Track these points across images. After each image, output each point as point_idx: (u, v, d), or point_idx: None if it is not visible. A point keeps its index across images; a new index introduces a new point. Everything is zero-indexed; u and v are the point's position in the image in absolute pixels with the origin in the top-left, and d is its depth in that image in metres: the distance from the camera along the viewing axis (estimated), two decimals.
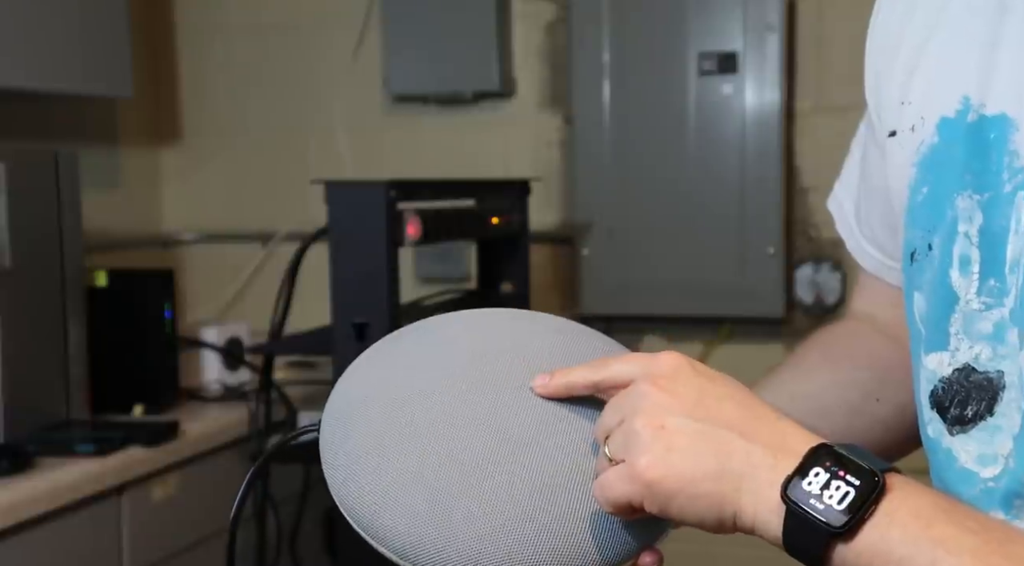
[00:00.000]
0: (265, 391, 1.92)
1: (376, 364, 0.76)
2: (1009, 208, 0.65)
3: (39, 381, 1.74)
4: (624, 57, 2.36)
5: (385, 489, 0.70)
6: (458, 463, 0.65)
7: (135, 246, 2.68)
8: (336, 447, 0.75)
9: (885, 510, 0.58)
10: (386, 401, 0.71)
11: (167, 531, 1.79)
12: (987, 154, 0.66)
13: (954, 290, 0.68)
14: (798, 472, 0.60)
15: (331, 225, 1.69)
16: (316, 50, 2.69)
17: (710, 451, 0.62)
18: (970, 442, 0.68)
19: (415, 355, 0.74)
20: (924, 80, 0.71)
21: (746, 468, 0.62)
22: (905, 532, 0.57)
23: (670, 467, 0.62)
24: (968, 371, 0.67)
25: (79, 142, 2.51)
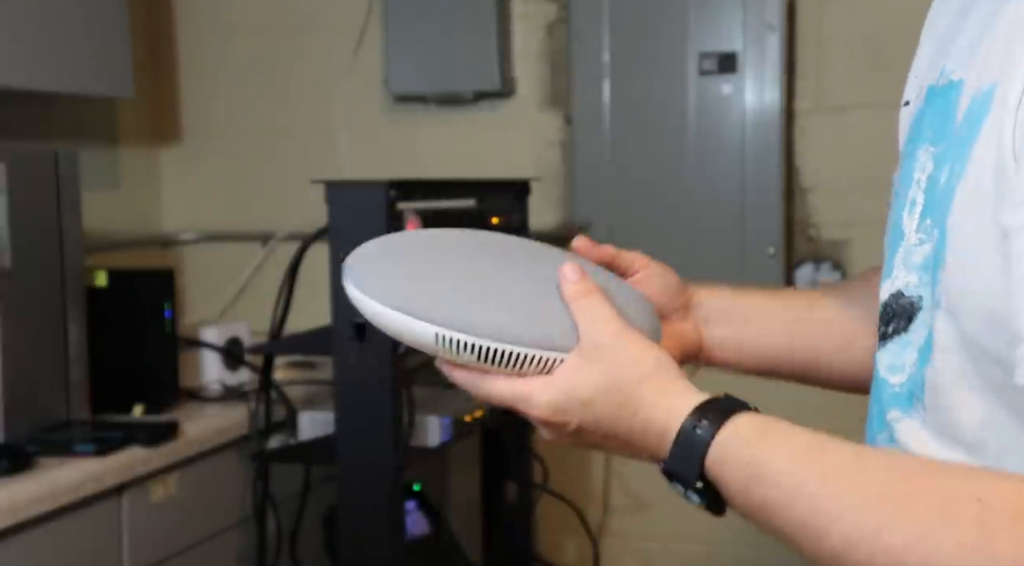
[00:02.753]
0: (265, 391, 1.92)
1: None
2: (945, 159, 0.75)
3: (39, 381, 1.74)
4: (624, 57, 2.36)
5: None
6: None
7: (135, 246, 2.68)
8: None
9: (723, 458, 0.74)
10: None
11: (167, 531, 1.79)
12: (945, 111, 0.77)
13: (902, 228, 0.80)
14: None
15: (331, 225, 1.69)
16: (316, 50, 2.69)
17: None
18: (886, 354, 0.80)
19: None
20: (925, 56, 0.86)
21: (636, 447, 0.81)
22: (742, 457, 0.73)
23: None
24: (899, 295, 0.79)
25: (79, 142, 2.51)
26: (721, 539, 2.53)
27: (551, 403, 0.81)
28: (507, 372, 0.82)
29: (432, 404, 1.92)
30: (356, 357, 1.68)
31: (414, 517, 2.10)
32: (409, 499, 2.05)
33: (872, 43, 2.28)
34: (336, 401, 1.72)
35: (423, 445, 1.82)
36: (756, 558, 2.52)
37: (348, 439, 1.71)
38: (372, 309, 0.84)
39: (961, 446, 0.73)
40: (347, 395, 1.70)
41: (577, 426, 0.82)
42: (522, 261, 0.89)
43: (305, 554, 1.99)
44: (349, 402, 1.70)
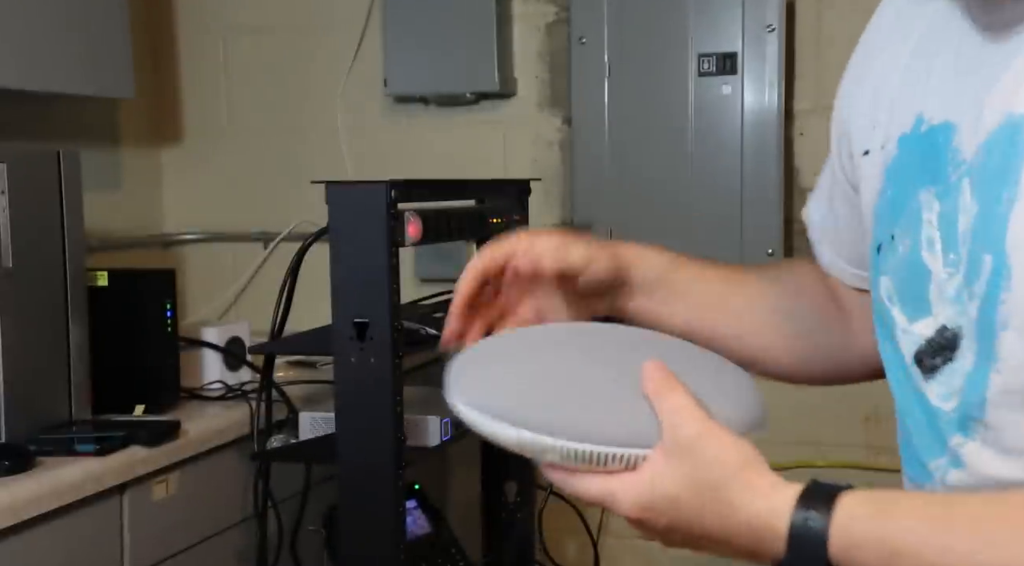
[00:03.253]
0: (266, 391, 1.92)
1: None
2: (957, 193, 0.81)
3: (40, 381, 1.74)
4: (624, 57, 2.37)
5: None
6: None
7: (136, 246, 2.68)
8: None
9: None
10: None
11: (168, 530, 1.80)
12: (937, 155, 0.83)
13: (927, 266, 0.84)
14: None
15: (331, 225, 1.69)
16: (316, 50, 2.69)
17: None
18: (937, 386, 0.84)
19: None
20: (887, 107, 0.91)
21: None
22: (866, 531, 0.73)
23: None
24: (943, 329, 0.83)
25: (80, 142, 2.51)
26: None
27: (637, 500, 0.81)
28: (593, 469, 0.81)
29: (432, 404, 1.92)
30: (356, 357, 1.68)
31: (414, 517, 2.10)
32: (409, 499, 2.05)
33: None
34: (336, 401, 1.72)
35: (423, 445, 1.82)
36: None
37: (348, 439, 1.71)
38: (465, 415, 0.86)
39: None
40: (347, 395, 1.71)
41: (667, 525, 0.81)
42: (613, 353, 0.91)
43: (305, 554, 1.99)
44: (349, 402, 1.71)
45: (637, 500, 0.81)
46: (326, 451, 1.78)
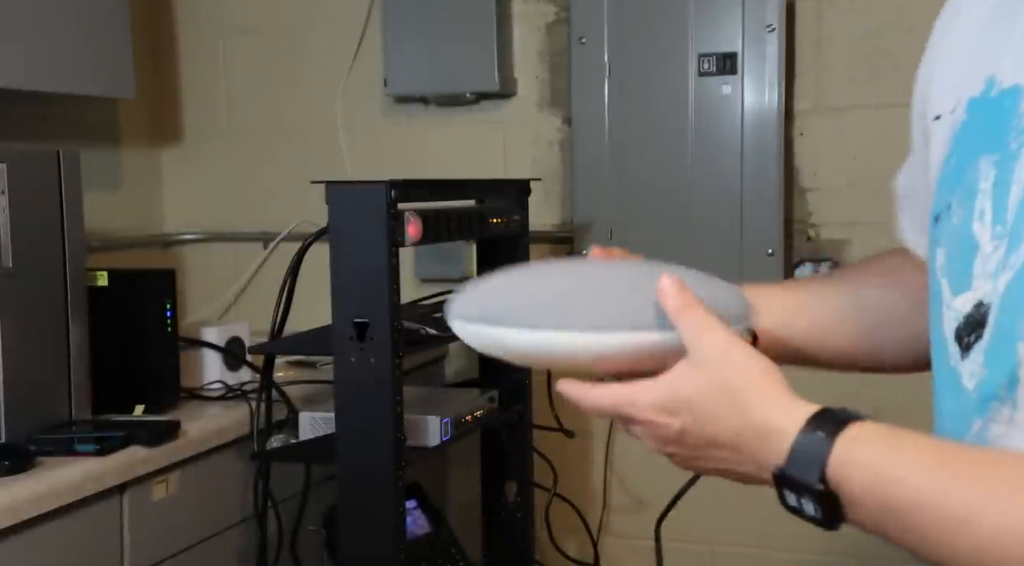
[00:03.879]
0: (266, 391, 1.92)
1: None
2: (1014, 162, 0.76)
3: (40, 381, 1.74)
4: (624, 57, 2.37)
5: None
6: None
7: (136, 246, 2.68)
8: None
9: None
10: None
11: (168, 530, 1.80)
12: (1001, 120, 0.78)
13: (976, 239, 0.80)
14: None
15: (331, 225, 1.69)
16: (316, 50, 2.69)
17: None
18: (969, 364, 0.80)
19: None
20: (959, 70, 0.86)
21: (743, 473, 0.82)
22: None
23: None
24: (979, 305, 0.79)
25: (80, 142, 2.51)
26: (721, 539, 2.53)
27: (656, 401, 0.82)
28: (607, 364, 0.84)
29: (432, 404, 1.93)
30: (356, 357, 1.68)
31: (414, 517, 2.10)
32: (409, 499, 2.05)
33: (871, 44, 2.29)
34: (336, 401, 1.72)
35: (423, 445, 1.83)
36: (756, 558, 2.52)
37: (348, 439, 1.71)
38: (465, 330, 0.88)
39: None
40: (347, 395, 1.71)
41: (680, 428, 0.81)
42: (602, 269, 0.93)
43: (305, 554, 1.99)
44: (349, 402, 1.71)
45: (655, 401, 0.81)
46: (326, 451, 1.78)
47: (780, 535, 2.45)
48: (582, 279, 0.89)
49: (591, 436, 2.56)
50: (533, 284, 0.89)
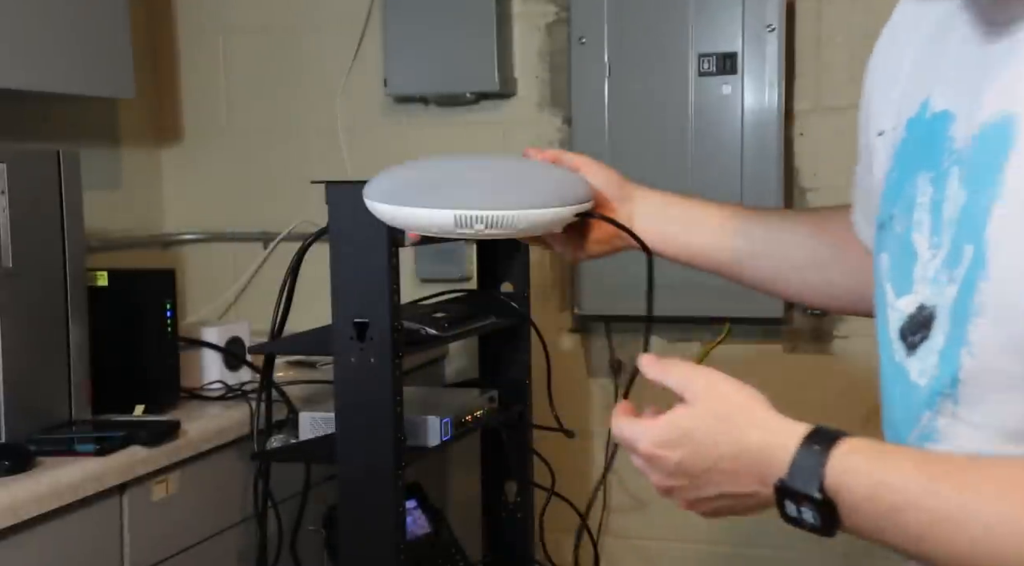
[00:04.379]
0: (266, 391, 1.92)
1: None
2: (946, 180, 0.85)
3: (40, 381, 1.74)
4: (624, 57, 2.37)
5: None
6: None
7: (136, 246, 2.68)
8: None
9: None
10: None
11: (168, 530, 1.80)
12: (935, 141, 0.87)
13: (915, 247, 0.89)
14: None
15: (331, 225, 1.69)
16: (316, 50, 2.69)
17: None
18: (916, 361, 0.89)
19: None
20: (901, 90, 0.95)
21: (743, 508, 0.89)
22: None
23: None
24: (922, 308, 0.88)
25: (80, 142, 2.51)
26: (721, 539, 2.53)
27: (657, 437, 0.90)
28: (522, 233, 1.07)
29: (432, 404, 1.93)
30: (356, 357, 1.68)
31: (414, 517, 2.10)
32: (409, 499, 2.05)
33: (871, 43, 2.28)
34: (336, 401, 1.72)
35: (423, 445, 1.83)
36: (756, 558, 2.52)
37: (348, 439, 1.71)
38: (394, 213, 1.09)
39: (1006, 437, 0.81)
40: (347, 395, 1.71)
41: (680, 458, 0.88)
42: (487, 158, 1.21)
43: (305, 554, 1.99)
44: (349, 402, 1.71)
45: (656, 437, 0.90)
46: (326, 451, 1.78)
47: (780, 535, 2.45)
48: (463, 167, 1.15)
49: (591, 436, 2.56)
50: (422, 171, 1.15)
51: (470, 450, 2.26)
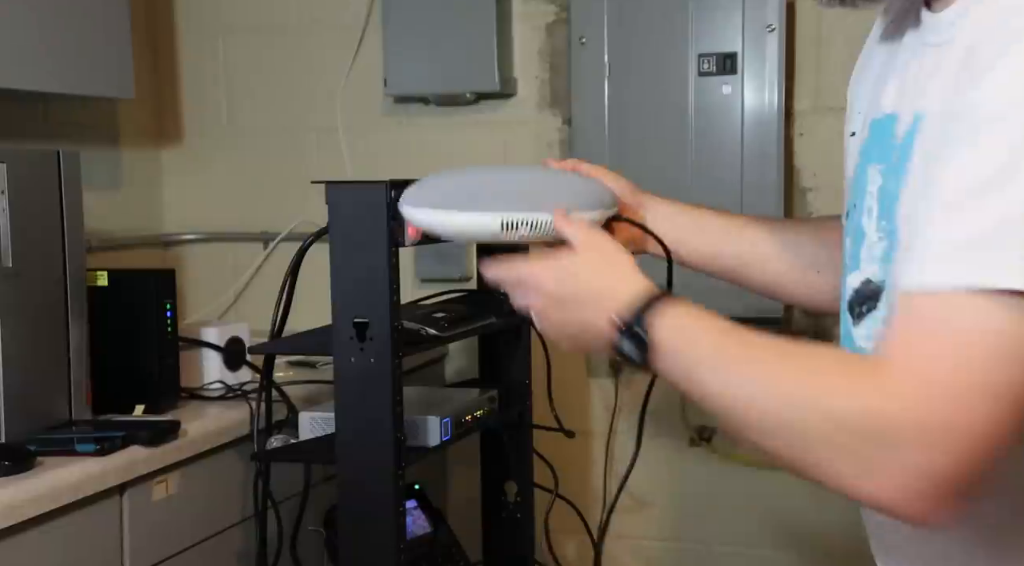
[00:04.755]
0: (266, 391, 1.92)
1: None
2: (893, 174, 0.97)
3: (40, 381, 1.74)
4: (624, 57, 2.37)
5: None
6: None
7: (136, 246, 2.68)
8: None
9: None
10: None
11: (168, 530, 1.80)
12: (884, 138, 0.99)
13: (864, 230, 1.02)
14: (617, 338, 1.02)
15: (331, 225, 1.69)
16: (316, 50, 2.69)
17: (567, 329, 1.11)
18: (862, 329, 1.03)
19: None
20: (868, 98, 1.09)
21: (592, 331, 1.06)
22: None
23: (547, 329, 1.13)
24: (868, 282, 1.02)
25: (80, 142, 2.51)
26: (721, 539, 2.53)
27: (544, 265, 1.11)
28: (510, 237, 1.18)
29: (432, 404, 1.93)
30: (356, 357, 1.68)
31: (414, 517, 2.10)
32: (409, 499, 2.05)
33: None
34: (336, 401, 1.72)
35: (423, 445, 1.83)
36: (756, 558, 2.52)
37: (348, 439, 1.71)
38: (439, 218, 1.20)
39: None
40: (347, 395, 1.71)
41: (556, 284, 1.09)
42: (517, 169, 1.36)
43: (305, 554, 1.99)
44: (349, 402, 1.71)
45: (544, 264, 1.11)
46: (326, 451, 1.78)
47: (779, 535, 2.45)
48: (501, 176, 1.31)
49: (591, 436, 2.56)
50: (462, 179, 1.26)
51: (470, 450, 2.26)
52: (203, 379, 2.08)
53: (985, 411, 0.81)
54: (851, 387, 0.85)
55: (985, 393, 0.81)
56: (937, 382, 0.82)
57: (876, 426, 0.83)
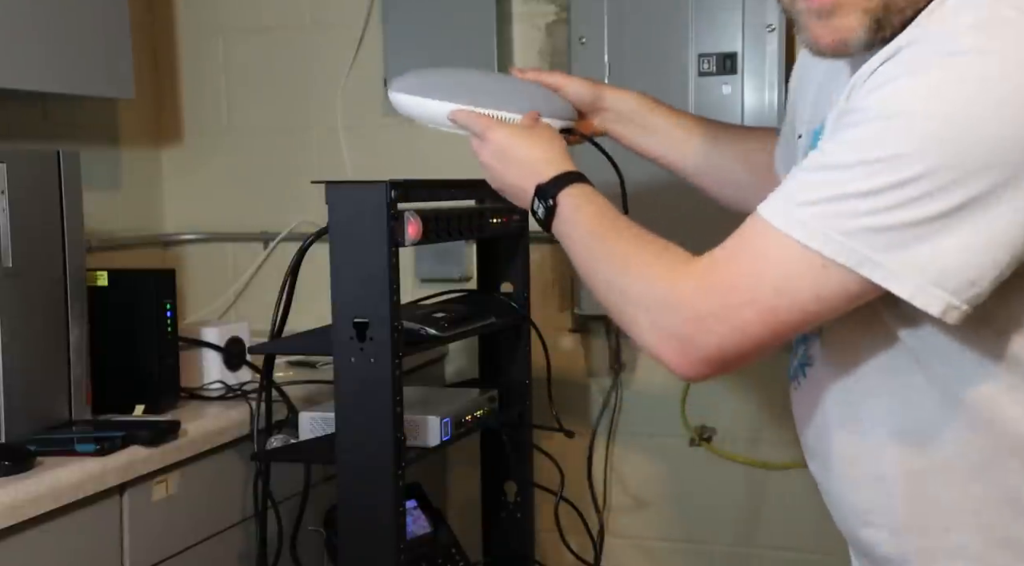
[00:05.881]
0: (266, 391, 1.92)
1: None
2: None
3: (40, 381, 1.74)
4: (624, 57, 2.37)
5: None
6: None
7: (136, 246, 2.68)
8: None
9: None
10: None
11: (168, 530, 1.80)
12: (815, 145, 1.10)
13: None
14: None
15: (331, 225, 1.69)
16: (316, 50, 2.69)
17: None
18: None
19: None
20: (812, 106, 1.27)
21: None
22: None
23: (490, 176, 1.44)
24: None
25: (80, 142, 2.51)
26: (721, 539, 2.53)
27: (506, 127, 1.39)
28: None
29: (432, 404, 1.93)
30: (356, 357, 1.68)
31: (414, 517, 2.10)
32: (409, 499, 2.05)
33: None
34: (336, 401, 1.72)
35: (423, 445, 1.83)
36: (756, 557, 2.52)
37: (348, 439, 1.71)
38: (405, 102, 1.48)
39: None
40: (347, 395, 1.71)
41: (507, 134, 1.38)
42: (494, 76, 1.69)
43: (305, 554, 1.99)
44: (349, 402, 1.71)
45: (507, 135, 1.38)
46: (326, 451, 1.78)
47: (779, 535, 2.45)
48: (478, 78, 1.50)
49: (591, 436, 2.56)
50: (444, 74, 1.50)
51: (470, 450, 2.26)
52: (203, 379, 2.08)
53: (747, 315, 1.06)
54: (671, 270, 1.12)
55: (753, 303, 1.05)
56: (724, 281, 1.08)
57: (669, 298, 1.10)
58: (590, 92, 1.53)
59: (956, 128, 0.96)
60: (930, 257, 0.98)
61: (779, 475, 2.43)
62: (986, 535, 1.10)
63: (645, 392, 2.54)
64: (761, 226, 1.06)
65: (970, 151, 0.96)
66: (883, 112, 0.99)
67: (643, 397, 2.54)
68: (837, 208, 1.00)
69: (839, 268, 1.01)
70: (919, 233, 0.98)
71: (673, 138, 1.55)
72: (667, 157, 1.57)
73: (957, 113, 0.96)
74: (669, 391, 2.50)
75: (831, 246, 1.01)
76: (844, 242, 1.00)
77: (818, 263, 1.02)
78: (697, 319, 1.08)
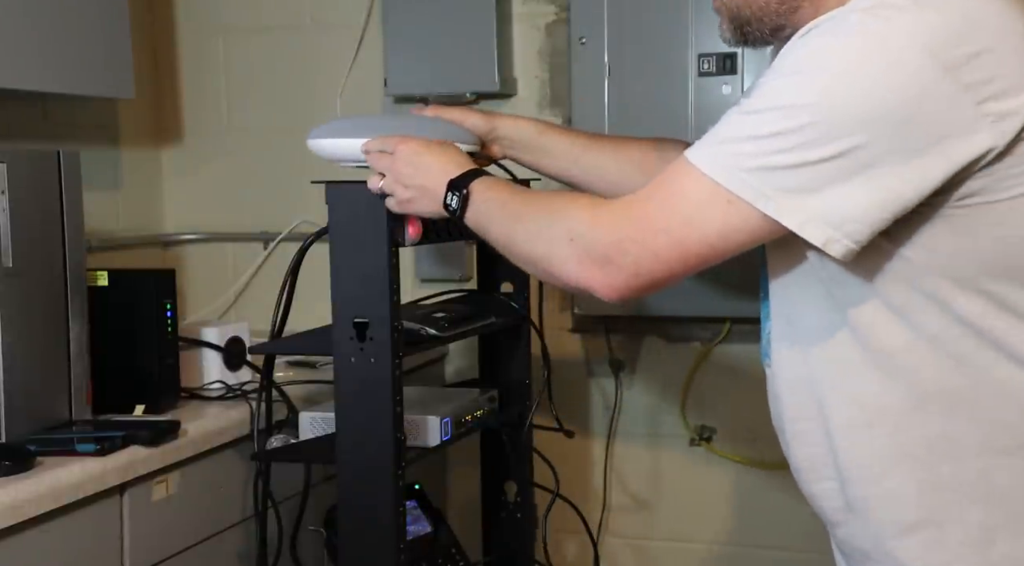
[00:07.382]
0: (266, 391, 1.92)
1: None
2: None
3: (40, 381, 1.74)
4: (624, 57, 2.37)
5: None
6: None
7: (136, 246, 2.68)
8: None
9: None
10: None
11: (168, 530, 1.80)
12: None
13: None
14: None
15: (331, 225, 1.69)
16: (316, 50, 2.70)
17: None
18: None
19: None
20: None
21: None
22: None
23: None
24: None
25: (80, 142, 2.51)
26: (721, 539, 2.53)
27: (411, 140, 1.55)
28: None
29: (432, 404, 1.93)
30: (356, 357, 1.68)
31: (414, 517, 2.10)
32: (409, 499, 2.05)
33: None
34: (336, 401, 1.72)
35: (423, 445, 1.83)
36: (756, 557, 2.52)
37: (348, 439, 1.71)
38: (322, 144, 1.70)
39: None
40: (347, 395, 1.71)
41: (415, 152, 1.53)
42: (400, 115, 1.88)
43: (305, 554, 1.99)
44: (349, 402, 1.71)
45: (413, 143, 1.54)
46: (326, 451, 1.78)
47: (779, 535, 2.45)
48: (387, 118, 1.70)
49: (591, 436, 2.56)
50: (352, 121, 1.72)
51: (470, 450, 2.26)
52: (203, 379, 2.08)
53: (660, 241, 1.19)
54: (592, 204, 1.27)
55: (667, 231, 1.19)
56: (642, 211, 1.22)
57: (592, 224, 1.24)
58: (485, 123, 1.70)
59: (842, 85, 1.10)
60: (816, 197, 1.12)
61: (779, 475, 2.43)
62: (919, 478, 1.19)
63: (645, 392, 2.54)
64: (683, 166, 1.19)
65: (850, 106, 1.10)
66: (792, 69, 1.14)
67: (643, 397, 2.55)
68: (742, 148, 1.14)
69: (742, 203, 1.15)
70: (807, 175, 1.12)
71: (569, 156, 1.70)
72: (567, 173, 1.71)
73: (846, 73, 1.10)
74: (669, 391, 2.50)
75: (735, 182, 1.14)
76: (745, 178, 1.14)
77: (724, 198, 1.15)
78: (616, 242, 1.21)
